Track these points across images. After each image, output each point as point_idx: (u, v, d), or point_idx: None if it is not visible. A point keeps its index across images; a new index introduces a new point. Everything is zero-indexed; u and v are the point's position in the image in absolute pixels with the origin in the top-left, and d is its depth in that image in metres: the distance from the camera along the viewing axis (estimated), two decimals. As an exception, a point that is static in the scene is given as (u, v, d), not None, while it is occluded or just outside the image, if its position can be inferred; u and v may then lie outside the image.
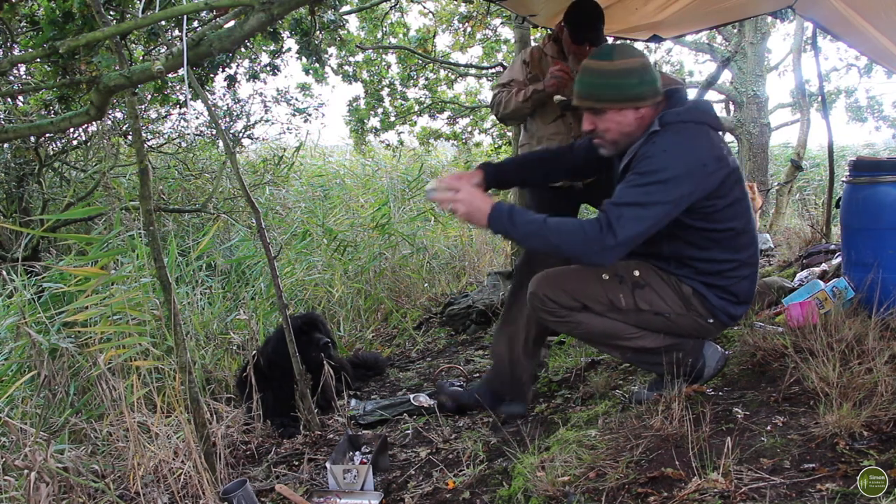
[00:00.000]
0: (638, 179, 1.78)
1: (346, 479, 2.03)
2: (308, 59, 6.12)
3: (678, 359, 1.99)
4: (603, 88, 1.85)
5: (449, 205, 1.86)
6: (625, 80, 1.83)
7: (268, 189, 6.69)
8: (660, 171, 1.76)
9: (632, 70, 1.84)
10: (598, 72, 1.86)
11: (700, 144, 1.82)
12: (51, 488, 1.84)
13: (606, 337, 1.99)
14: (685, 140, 1.81)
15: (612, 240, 1.73)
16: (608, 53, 1.87)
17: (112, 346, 2.59)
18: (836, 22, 3.40)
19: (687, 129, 1.83)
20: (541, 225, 1.79)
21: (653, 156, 1.79)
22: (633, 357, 2.05)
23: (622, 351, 2.03)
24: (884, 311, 2.13)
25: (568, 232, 1.77)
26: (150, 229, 2.05)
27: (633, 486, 1.52)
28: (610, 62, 1.84)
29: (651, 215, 1.76)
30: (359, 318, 4.40)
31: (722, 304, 1.97)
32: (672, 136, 1.81)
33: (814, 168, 10.99)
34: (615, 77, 1.83)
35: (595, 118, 1.91)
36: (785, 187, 7.37)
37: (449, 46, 8.85)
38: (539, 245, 1.83)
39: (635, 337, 1.99)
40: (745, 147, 8.52)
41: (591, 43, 2.75)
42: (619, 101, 1.85)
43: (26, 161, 5.20)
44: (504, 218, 1.81)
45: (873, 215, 2.31)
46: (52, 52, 1.67)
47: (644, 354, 2.02)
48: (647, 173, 1.77)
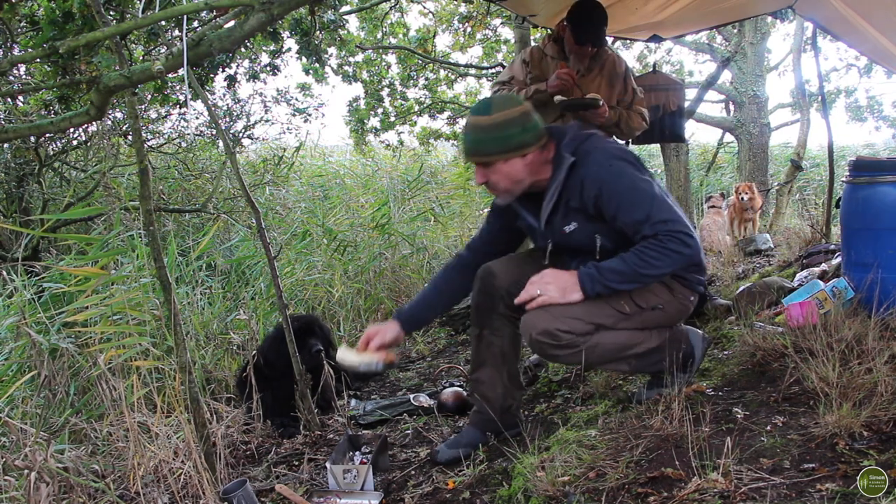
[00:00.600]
0: (628, 195, 1.86)
1: (346, 479, 2.03)
2: (308, 59, 6.12)
3: (680, 350, 2.03)
4: (487, 143, 1.88)
5: (540, 297, 1.88)
6: (507, 131, 1.87)
7: (268, 189, 6.69)
8: (627, 176, 1.87)
9: (512, 120, 1.87)
10: (480, 127, 1.89)
11: (622, 150, 1.98)
12: (51, 488, 1.84)
13: (620, 350, 1.98)
14: (611, 152, 1.94)
15: (683, 227, 1.81)
16: (487, 107, 1.90)
17: (112, 346, 2.59)
18: (836, 22, 3.40)
19: (600, 143, 1.97)
20: (631, 267, 1.82)
21: (611, 175, 1.88)
22: (639, 364, 2.04)
23: (629, 361, 2.02)
24: (883, 311, 2.13)
25: (657, 258, 1.81)
26: (150, 229, 2.05)
27: (633, 486, 1.52)
28: (489, 116, 1.88)
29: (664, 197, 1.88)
30: (359, 318, 4.40)
31: (695, 276, 2.02)
32: (600, 154, 1.92)
33: (814, 168, 10.99)
34: (497, 130, 1.87)
35: (485, 171, 1.93)
36: (785, 187, 7.37)
37: (449, 46, 8.86)
38: (645, 283, 1.88)
39: (643, 341, 2.00)
40: (745, 147, 8.52)
41: (592, 44, 2.74)
42: (504, 152, 1.88)
43: (26, 161, 5.20)
44: (596, 279, 1.85)
45: (873, 215, 2.31)
46: (52, 52, 1.67)
47: (649, 357, 2.03)
48: (627, 187, 1.86)
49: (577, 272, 1.88)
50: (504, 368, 2.16)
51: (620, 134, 2.93)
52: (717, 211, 5.86)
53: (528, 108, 1.92)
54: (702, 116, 8.82)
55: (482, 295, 2.13)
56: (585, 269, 1.87)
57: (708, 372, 2.25)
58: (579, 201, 1.92)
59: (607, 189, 1.87)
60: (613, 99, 2.85)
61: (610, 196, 1.87)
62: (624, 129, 2.87)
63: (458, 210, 6.27)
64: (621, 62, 2.92)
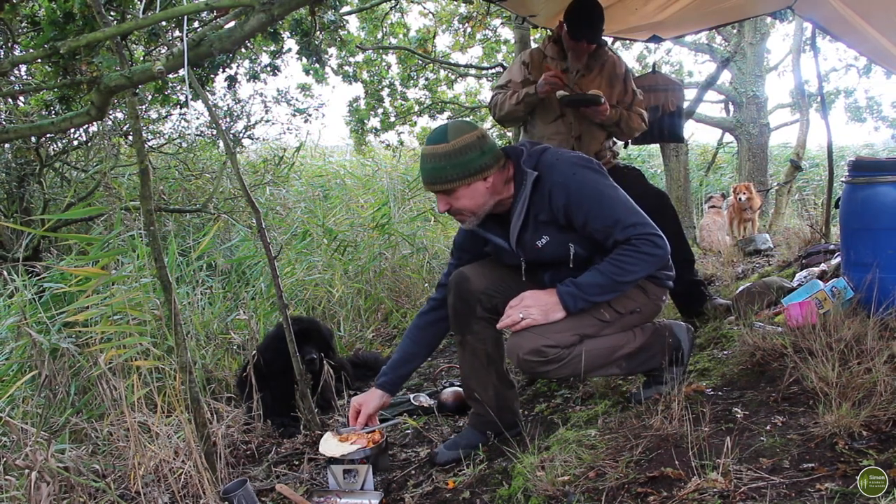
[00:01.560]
0: (596, 202, 1.88)
1: (347, 478, 2.04)
2: (308, 60, 6.13)
3: (667, 344, 2.06)
4: (447, 170, 1.87)
5: (523, 321, 1.88)
6: (466, 156, 1.86)
7: (268, 189, 6.69)
8: (591, 183, 1.90)
9: (470, 145, 1.87)
10: (438, 156, 1.88)
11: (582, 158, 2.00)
12: (51, 488, 1.84)
13: (608, 354, 1.99)
14: (573, 161, 1.96)
15: (652, 228, 1.85)
16: (443, 135, 1.89)
17: (112, 346, 2.59)
18: (836, 22, 3.41)
19: (559, 154, 1.97)
20: (609, 278, 1.85)
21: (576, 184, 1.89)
22: (630, 365, 2.05)
23: (619, 364, 2.03)
24: (883, 310, 2.14)
25: (632, 263, 1.84)
26: (150, 229, 2.05)
27: (632, 485, 1.53)
28: (446, 144, 1.87)
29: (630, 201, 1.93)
30: (359, 318, 4.40)
31: (664, 273, 2.04)
32: (562, 164, 1.93)
33: (813, 168, 11.00)
34: (456, 157, 1.86)
35: (447, 199, 1.93)
36: (784, 187, 7.38)
37: (449, 47, 8.87)
38: (624, 290, 1.90)
39: (628, 342, 2.02)
40: (745, 147, 8.53)
41: (588, 40, 2.75)
42: (465, 177, 1.87)
43: (27, 161, 5.21)
44: (577, 296, 1.86)
45: (872, 215, 2.32)
46: (53, 52, 1.68)
47: (638, 356, 2.04)
48: (594, 194, 1.89)
49: (556, 291, 1.88)
50: (492, 370, 2.16)
51: (620, 134, 2.94)
52: (717, 211, 5.86)
53: (483, 132, 1.93)
54: (701, 117, 8.83)
55: (459, 301, 2.13)
56: (564, 287, 1.88)
57: (707, 372, 2.26)
58: (548, 213, 1.93)
59: (575, 197, 1.88)
60: (613, 99, 2.85)
61: (579, 204, 1.88)
62: (624, 129, 2.87)
63: (458, 210, 6.26)
64: (621, 63, 2.93)
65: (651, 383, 2.11)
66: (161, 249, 2.06)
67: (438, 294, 2.23)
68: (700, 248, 5.56)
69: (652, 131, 3.35)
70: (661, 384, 2.05)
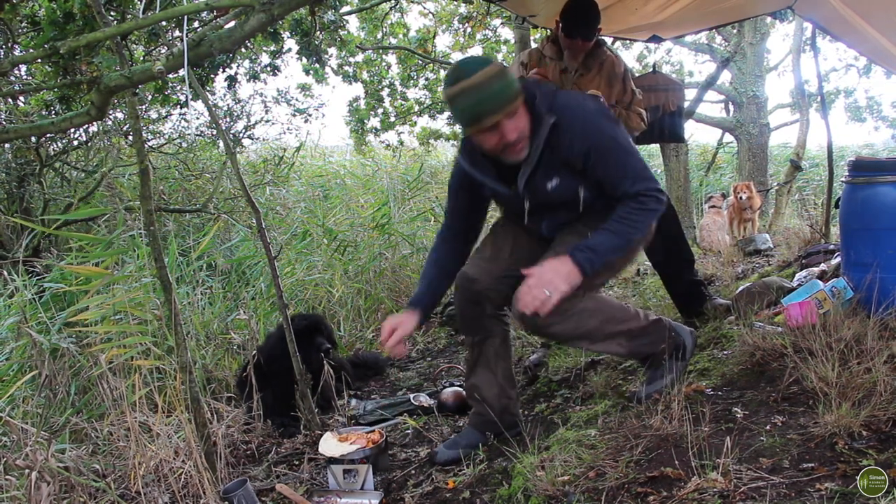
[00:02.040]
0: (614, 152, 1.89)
1: (346, 478, 2.04)
2: (308, 60, 6.13)
3: (669, 337, 2.07)
4: (487, 103, 1.76)
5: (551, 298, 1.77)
6: (498, 85, 1.77)
7: (268, 189, 6.69)
8: (610, 131, 1.91)
9: (497, 74, 1.78)
10: (473, 88, 1.75)
11: (598, 104, 2.00)
12: (52, 488, 1.84)
13: (611, 319, 2.00)
14: (591, 108, 1.95)
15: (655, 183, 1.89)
16: (470, 68, 1.78)
17: (113, 346, 2.59)
18: (836, 22, 3.40)
19: (574, 98, 1.96)
20: (623, 237, 1.85)
21: (597, 132, 1.89)
22: (632, 344, 2.05)
23: (620, 340, 2.03)
24: (883, 310, 2.13)
25: (642, 220, 1.87)
26: (150, 229, 2.05)
27: (632, 485, 1.53)
28: (476, 76, 1.75)
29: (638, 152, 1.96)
30: (359, 318, 4.40)
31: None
32: (581, 111, 1.91)
33: (813, 168, 10.99)
34: (489, 87, 1.76)
35: (498, 132, 1.81)
36: (784, 187, 7.37)
37: (449, 47, 8.86)
38: (636, 247, 1.94)
39: (630, 318, 2.04)
40: (745, 147, 8.53)
41: (583, 37, 2.75)
42: (506, 105, 1.79)
43: (27, 161, 5.21)
44: (592, 257, 1.82)
45: (872, 215, 2.31)
46: (53, 52, 1.68)
47: (641, 338, 2.05)
48: (613, 143, 1.89)
49: (570, 257, 1.81)
50: (498, 368, 2.17)
51: None
52: (718, 211, 5.86)
53: (500, 62, 1.91)
54: (701, 116, 8.83)
55: (466, 303, 2.13)
56: (580, 252, 1.81)
57: (707, 372, 2.26)
58: (564, 157, 1.89)
59: (595, 145, 1.88)
60: (612, 99, 2.85)
61: (598, 152, 1.88)
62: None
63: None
64: (620, 63, 2.93)
65: (652, 379, 2.11)
66: (161, 249, 2.07)
67: (445, 232, 2.20)
68: (700, 248, 5.56)
69: (652, 131, 3.34)
70: (662, 378, 2.05)
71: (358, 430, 2.22)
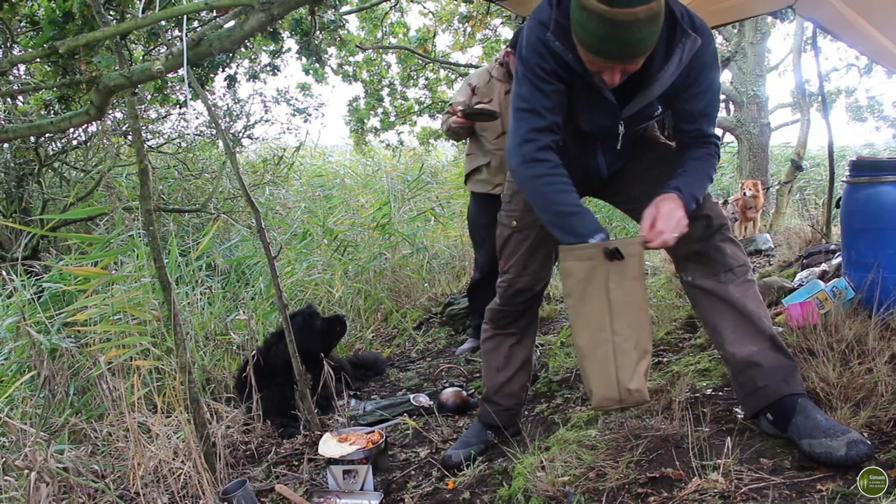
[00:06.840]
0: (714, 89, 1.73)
1: (346, 479, 2.03)
2: (308, 59, 6.14)
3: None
4: (651, 38, 1.49)
5: (682, 231, 1.65)
6: (660, 19, 1.49)
7: (268, 189, 6.69)
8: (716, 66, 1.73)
9: (662, 7, 1.48)
10: (649, 20, 1.43)
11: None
12: (51, 488, 1.84)
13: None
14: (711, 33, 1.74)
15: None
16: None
17: (112, 346, 2.59)
18: (836, 22, 3.40)
19: (700, 20, 1.69)
20: (709, 177, 1.76)
21: (713, 63, 1.70)
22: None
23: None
24: (884, 310, 2.13)
25: (714, 163, 1.77)
26: (149, 229, 2.05)
27: (633, 486, 1.52)
28: (648, 6, 1.41)
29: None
30: (359, 318, 4.40)
31: None
32: (709, 35, 1.69)
33: (814, 168, 10.99)
34: (660, 20, 1.48)
35: (625, 69, 1.56)
36: (785, 187, 7.36)
37: (449, 46, 8.86)
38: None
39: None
40: (745, 147, 8.52)
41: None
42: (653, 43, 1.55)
43: (26, 161, 5.21)
44: (695, 195, 1.69)
45: (873, 215, 2.31)
46: (52, 52, 1.67)
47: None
48: (714, 79, 1.73)
49: (678, 196, 1.66)
50: (528, 367, 2.19)
51: None
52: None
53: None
54: (702, 116, 8.80)
55: (508, 304, 2.10)
56: (688, 192, 1.67)
57: (708, 372, 2.25)
58: (680, 77, 1.67)
59: (707, 77, 1.69)
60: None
61: (705, 83, 1.70)
62: None
63: (458, 210, 6.26)
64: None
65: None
66: (160, 249, 2.06)
67: (552, 134, 1.71)
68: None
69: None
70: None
71: (358, 430, 2.22)
